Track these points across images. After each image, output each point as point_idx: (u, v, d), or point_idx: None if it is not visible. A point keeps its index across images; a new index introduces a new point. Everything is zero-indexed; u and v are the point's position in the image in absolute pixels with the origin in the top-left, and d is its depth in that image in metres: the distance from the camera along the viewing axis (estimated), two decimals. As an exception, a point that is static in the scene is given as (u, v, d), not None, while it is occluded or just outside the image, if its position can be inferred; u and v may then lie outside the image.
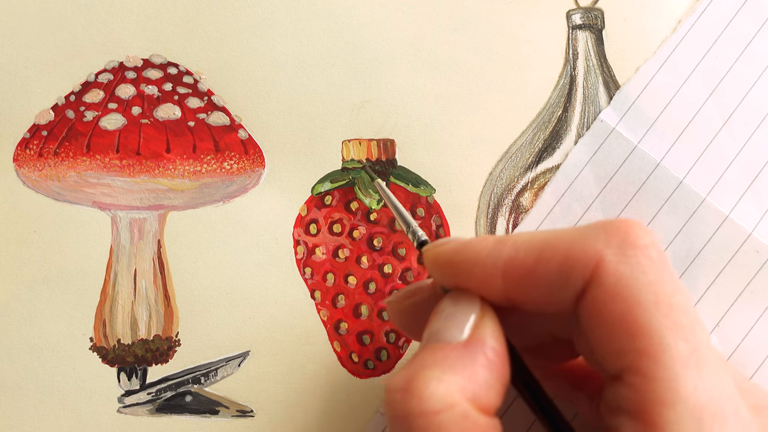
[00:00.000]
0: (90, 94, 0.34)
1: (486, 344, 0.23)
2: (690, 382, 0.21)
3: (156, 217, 0.34)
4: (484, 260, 0.24)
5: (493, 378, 0.23)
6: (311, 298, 0.34)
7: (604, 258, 0.22)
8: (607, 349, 0.22)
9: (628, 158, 0.34)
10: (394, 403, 0.22)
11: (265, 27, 0.35)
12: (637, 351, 0.21)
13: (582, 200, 0.34)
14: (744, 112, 0.35)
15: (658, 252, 0.23)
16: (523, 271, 0.23)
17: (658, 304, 0.22)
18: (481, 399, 0.23)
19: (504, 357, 0.24)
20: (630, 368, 0.22)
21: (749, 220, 0.34)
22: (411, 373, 0.23)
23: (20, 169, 0.33)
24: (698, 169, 0.34)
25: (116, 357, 0.33)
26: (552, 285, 0.23)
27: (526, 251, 0.23)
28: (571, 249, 0.23)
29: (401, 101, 0.35)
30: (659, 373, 0.21)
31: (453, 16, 0.35)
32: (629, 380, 0.21)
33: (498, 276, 0.24)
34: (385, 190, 0.32)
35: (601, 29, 0.35)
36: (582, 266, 0.22)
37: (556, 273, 0.23)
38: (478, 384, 0.23)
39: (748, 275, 0.34)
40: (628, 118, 0.35)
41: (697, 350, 0.21)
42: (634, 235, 0.23)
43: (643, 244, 0.23)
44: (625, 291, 0.22)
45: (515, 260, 0.23)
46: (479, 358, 0.23)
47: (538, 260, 0.23)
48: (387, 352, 0.34)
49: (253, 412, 0.33)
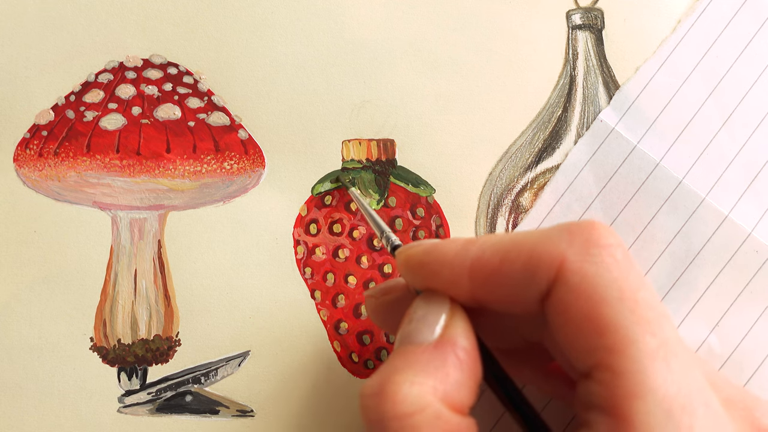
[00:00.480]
0: (90, 94, 0.34)
1: (456, 344, 0.24)
2: (658, 374, 0.21)
3: (156, 217, 0.34)
4: (451, 261, 0.24)
5: (465, 377, 0.23)
6: (311, 298, 0.34)
7: (568, 257, 0.23)
8: (576, 347, 0.22)
9: (628, 158, 0.34)
10: (368, 408, 0.23)
11: (265, 27, 0.35)
12: (604, 347, 0.22)
13: (582, 200, 0.34)
14: (743, 112, 0.35)
15: (622, 251, 0.23)
16: (489, 271, 0.24)
17: (623, 300, 0.22)
18: (454, 398, 0.23)
19: (474, 355, 0.24)
20: (599, 365, 0.22)
21: (749, 220, 0.34)
22: (384, 376, 0.23)
23: (20, 169, 0.33)
24: (698, 169, 0.34)
25: (116, 357, 0.33)
26: (516, 285, 0.23)
27: (492, 252, 0.24)
28: (535, 249, 0.23)
29: (401, 101, 0.35)
30: (627, 367, 0.21)
31: (453, 16, 0.35)
32: (598, 376, 0.22)
33: (465, 276, 0.24)
34: (357, 197, 0.32)
35: (600, 29, 0.35)
36: (546, 266, 0.23)
37: (520, 273, 0.23)
38: (450, 384, 0.23)
39: (748, 275, 0.34)
40: (627, 118, 0.35)
41: (665, 344, 0.22)
42: (598, 234, 0.23)
43: (607, 243, 0.23)
44: (590, 289, 0.22)
45: (481, 260, 0.24)
46: (450, 358, 0.23)
47: (503, 260, 0.23)
48: (387, 352, 0.34)
49: (253, 412, 0.33)
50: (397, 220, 0.34)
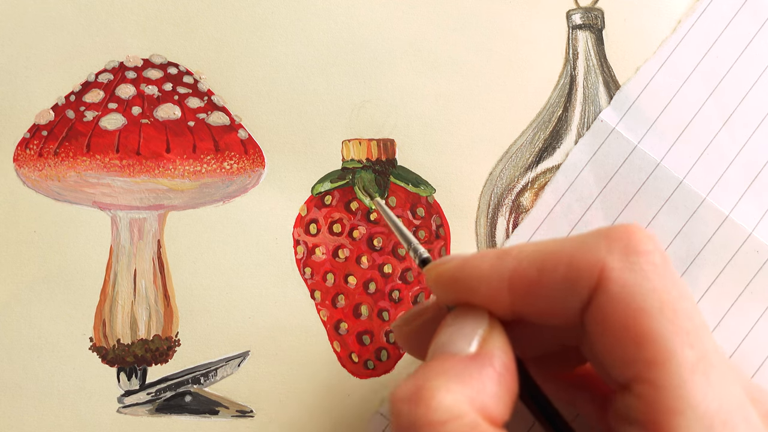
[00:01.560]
0: (90, 94, 0.34)
1: (495, 357, 0.23)
2: (699, 389, 0.21)
3: (156, 217, 0.34)
4: (488, 275, 0.24)
5: (502, 390, 0.23)
6: (311, 298, 0.34)
7: (608, 265, 0.22)
8: (615, 358, 0.22)
9: (628, 158, 0.34)
10: (401, 413, 0.22)
11: (265, 27, 0.35)
12: (644, 360, 0.21)
13: (582, 200, 0.34)
14: (744, 112, 0.35)
15: (661, 257, 0.22)
16: (528, 283, 0.23)
17: (663, 310, 0.21)
18: (491, 411, 0.22)
19: (512, 371, 0.23)
20: (638, 377, 0.21)
21: (749, 220, 0.34)
22: (418, 382, 0.22)
23: (20, 169, 0.33)
24: (698, 169, 0.34)
25: (116, 357, 0.33)
26: (557, 296, 0.23)
27: (529, 263, 0.23)
28: (574, 258, 0.23)
29: (401, 101, 0.35)
30: (667, 382, 0.21)
31: (453, 16, 0.35)
32: (637, 390, 0.21)
33: (504, 290, 0.23)
34: (384, 208, 0.31)
35: (601, 29, 0.35)
36: (586, 275, 0.22)
37: (561, 283, 0.23)
38: (487, 395, 0.22)
39: (748, 275, 0.34)
40: (628, 118, 0.35)
41: (705, 356, 0.21)
42: (637, 240, 0.22)
43: (646, 249, 0.22)
44: (630, 299, 0.22)
45: (519, 272, 0.23)
46: (488, 370, 0.23)
47: (541, 271, 0.23)
48: (387, 352, 0.34)
49: (253, 412, 0.33)
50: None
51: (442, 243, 0.34)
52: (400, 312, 0.34)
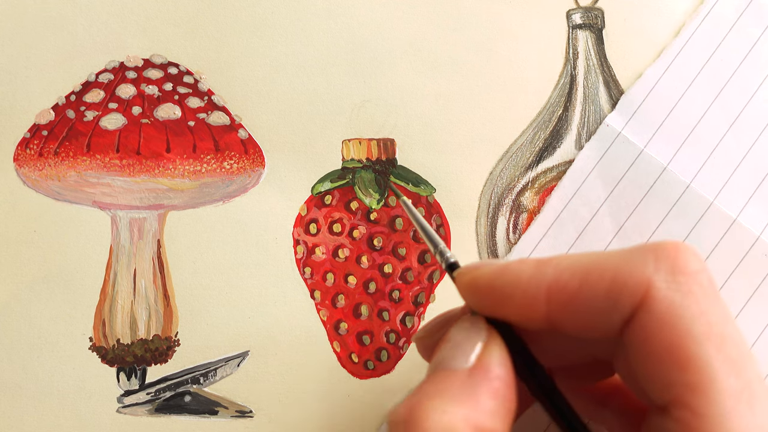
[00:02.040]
0: (90, 93, 0.34)
1: (491, 371, 0.23)
2: (741, 419, 0.20)
3: (156, 216, 0.34)
4: (526, 284, 0.23)
5: (498, 405, 0.22)
6: (311, 298, 0.34)
7: (654, 284, 0.21)
8: (654, 379, 0.22)
9: (635, 163, 0.34)
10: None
11: (265, 27, 0.35)
12: (685, 384, 0.21)
13: (589, 205, 0.34)
14: (750, 115, 0.35)
15: (708, 278, 0.22)
16: (568, 296, 0.22)
17: (710, 335, 0.21)
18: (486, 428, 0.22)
19: (510, 384, 0.23)
20: (678, 402, 0.21)
21: (757, 224, 0.34)
22: (414, 402, 0.22)
23: (20, 169, 0.33)
24: (705, 173, 0.34)
25: (116, 357, 0.33)
26: (598, 310, 0.22)
27: (571, 274, 0.23)
28: (619, 273, 0.22)
29: (401, 101, 0.35)
30: (708, 410, 0.20)
31: (453, 16, 0.35)
32: (677, 414, 0.21)
33: (541, 301, 0.23)
34: (411, 209, 0.30)
35: (601, 29, 0.35)
36: (631, 291, 0.22)
37: (603, 298, 0.22)
38: (483, 412, 0.22)
39: (757, 279, 0.33)
40: (634, 123, 0.34)
41: (749, 386, 0.21)
42: (684, 260, 0.22)
43: (694, 270, 0.22)
44: (676, 320, 0.21)
45: (559, 284, 0.23)
46: (483, 386, 0.22)
47: (583, 284, 0.22)
48: (387, 353, 0.34)
49: (253, 412, 0.33)
50: (397, 220, 0.34)
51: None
52: (400, 312, 0.34)
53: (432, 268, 0.34)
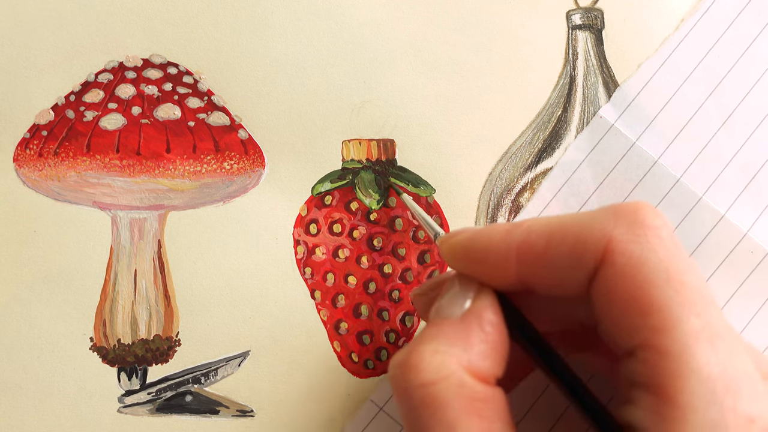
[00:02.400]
0: (90, 94, 0.34)
1: (482, 317, 0.24)
2: (703, 355, 0.21)
3: (156, 217, 0.34)
4: (497, 246, 0.25)
5: (490, 348, 0.24)
6: (311, 298, 0.34)
7: (614, 238, 0.23)
8: (620, 327, 0.23)
9: (626, 155, 0.34)
10: (395, 378, 0.24)
11: (265, 27, 0.35)
12: (649, 327, 0.22)
13: (579, 195, 0.34)
14: (743, 112, 0.35)
15: (668, 232, 0.23)
16: (536, 255, 0.24)
17: (670, 281, 0.22)
18: (478, 368, 0.23)
19: (501, 329, 0.24)
20: (643, 344, 0.22)
21: (745, 221, 0.34)
22: (411, 347, 0.24)
23: (20, 169, 0.33)
24: (696, 167, 0.34)
25: (116, 357, 0.33)
26: (564, 267, 0.24)
27: (538, 235, 0.24)
28: (582, 231, 0.23)
29: (401, 101, 0.35)
30: (672, 347, 0.21)
31: (453, 16, 0.35)
32: (642, 355, 0.22)
33: (512, 260, 0.24)
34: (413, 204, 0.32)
35: (600, 29, 0.35)
36: (593, 247, 0.23)
37: (568, 255, 0.23)
38: (474, 353, 0.23)
39: (743, 275, 0.34)
40: (627, 115, 0.35)
41: (710, 325, 0.22)
42: (643, 215, 0.23)
43: (653, 224, 0.23)
44: (636, 270, 0.22)
45: (527, 244, 0.24)
46: (474, 329, 0.24)
47: (549, 243, 0.24)
48: (387, 352, 0.34)
49: (253, 412, 0.33)
50: (397, 220, 0.34)
51: (442, 243, 0.34)
52: (400, 312, 0.34)
53: (432, 268, 0.34)
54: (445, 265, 0.34)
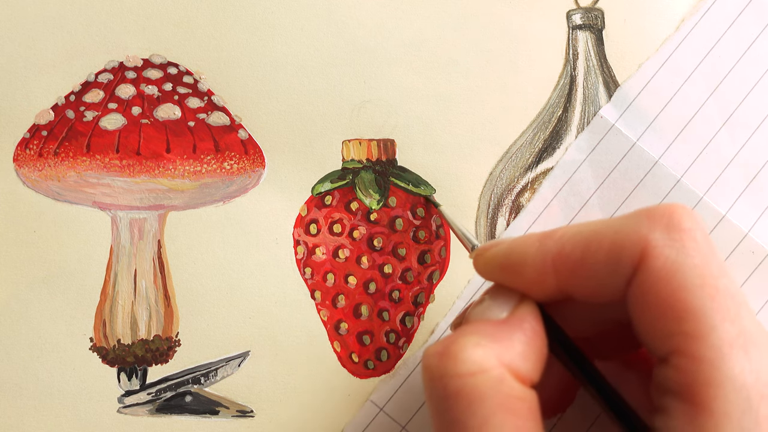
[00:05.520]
0: (90, 94, 0.34)
1: (524, 320, 0.24)
2: (737, 362, 0.21)
3: (156, 217, 0.34)
4: (533, 259, 0.25)
5: (530, 351, 0.24)
6: (311, 298, 0.34)
7: (650, 242, 0.23)
8: (655, 332, 0.22)
9: (627, 155, 0.34)
10: (431, 366, 0.23)
11: (265, 27, 0.35)
12: (683, 333, 0.22)
13: (579, 195, 0.34)
14: (744, 112, 0.35)
15: (703, 234, 0.23)
16: (572, 264, 0.24)
17: (704, 286, 0.22)
18: (518, 368, 0.23)
19: (541, 335, 0.24)
20: (677, 350, 0.22)
21: (746, 221, 0.34)
22: (449, 339, 0.24)
23: (20, 169, 0.33)
24: (696, 168, 0.34)
25: (116, 357, 0.33)
26: (602, 274, 0.23)
27: (573, 245, 0.24)
28: (617, 236, 0.23)
29: (401, 101, 0.35)
30: (706, 354, 0.21)
31: (453, 16, 0.35)
32: (676, 362, 0.22)
33: (549, 272, 0.24)
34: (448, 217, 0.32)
35: (601, 29, 0.35)
36: (629, 252, 0.23)
37: (605, 262, 0.23)
38: (516, 354, 0.23)
39: (743, 275, 0.34)
40: (628, 115, 0.35)
41: (744, 332, 0.22)
42: (679, 217, 0.23)
43: (688, 227, 0.23)
44: (671, 275, 0.22)
45: (563, 254, 0.24)
46: (517, 332, 0.24)
47: (585, 252, 0.24)
48: (387, 352, 0.34)
49: (253, 412, 0.33)
50: (397, 220, 0.34)
51: (442, 243, 0.34)
52: (400, 312, 0.34)
53: (432, 269, 0.34)
54: (445, 265, 0.34)
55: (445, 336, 0.24)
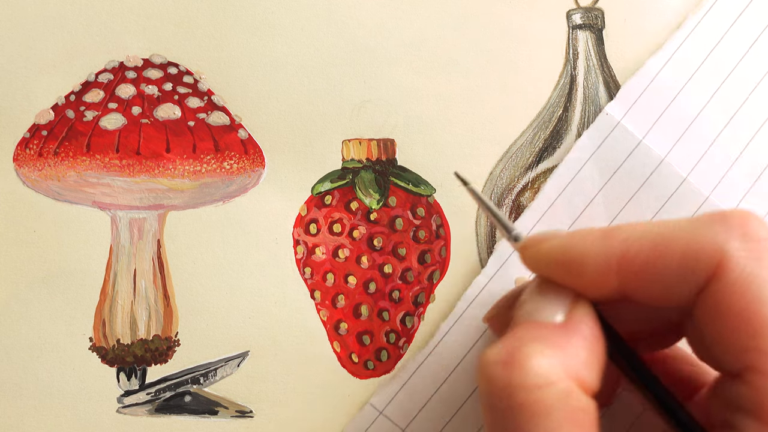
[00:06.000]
0: (90, 93, 0.34)
1: (583, 326, 0.23)
2: None
3: (156, 216, 0.34)
4: (595, 258, 0.23)
5: (592, 358, 0.23)
6: (311, 298, 0.34)
7: (728, 253, 0.22)
8: (727, 345, 0.22)
9: (633, 153, 0.34)
10: (493, 376, 0.22)
11: (265, 27, 0.35)
12: (759, 349, 0.21)
13: (584, 194, 0.34)
14: (748, 111, 0.35)
15: None
16: (639, 268, 0.23)
17: None
18: (584, 378, 0.22)
19: (601, 341, 0.23)
20: (752, 367, 0.21)
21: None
22: (512, 345, 0.22)
23: (20, 169, 0.33)
24: (702, 166, 0.34)
25: (116, 357, 0.33)
26: (671, 281, 0.22)
27: (640, 246, 0.23)
28: (691, 242, 0.22)
29: (401, 101, 0.35)
30: None
31: (453, 16, 0.35)
32: (750, 379, 0.21)
33: (612, 273, 0.23)
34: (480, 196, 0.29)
35: (601, 29, 0.35)
36: (705, 261, 0.22)
37: (676, 269, 0.22)
38: (580, 363, 0.22)
39: None
40: (633, 113, 0.34)
41: None
42: (755, 227, 0.22)
43: (764, 236, 0.22)
44: (748, 287, 0.21)
45: (629, 256, 0.23)
46: (578, 338, 0.23)
47: (654, 256, 0.22)
48: (387, 353, 0.34)
49: (253, 412, 0.33)
50: (397, 220, 0.34)
51: (443, 243, 0.34)
52: (400, 312, 0.34)
53: (432, 268, 0.34)
54: (445, 265, 0.34)
55: (502, 340, 0.23)
